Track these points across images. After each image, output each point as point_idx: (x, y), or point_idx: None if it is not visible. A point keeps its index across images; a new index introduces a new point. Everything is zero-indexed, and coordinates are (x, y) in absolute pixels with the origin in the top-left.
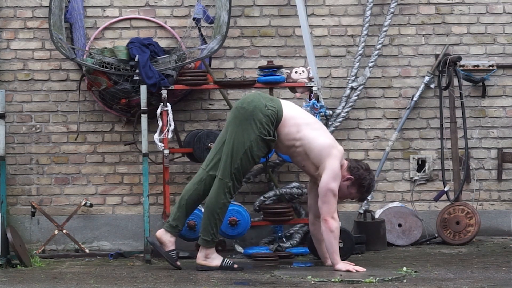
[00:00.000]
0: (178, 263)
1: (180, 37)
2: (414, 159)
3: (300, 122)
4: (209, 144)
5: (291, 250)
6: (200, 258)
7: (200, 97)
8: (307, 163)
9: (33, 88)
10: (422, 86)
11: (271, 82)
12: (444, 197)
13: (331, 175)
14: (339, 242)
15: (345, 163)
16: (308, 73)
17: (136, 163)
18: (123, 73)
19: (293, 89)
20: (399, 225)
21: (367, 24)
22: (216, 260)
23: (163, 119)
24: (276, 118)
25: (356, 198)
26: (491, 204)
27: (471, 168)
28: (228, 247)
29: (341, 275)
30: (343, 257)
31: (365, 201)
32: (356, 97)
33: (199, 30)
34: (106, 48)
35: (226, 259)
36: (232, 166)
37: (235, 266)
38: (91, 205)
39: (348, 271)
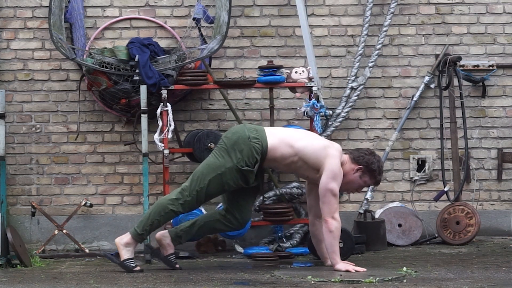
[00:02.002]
0: (177, 265)
1: (180, 37)
2: (414, 159)
3: (290, 140)
4: (209, 144)
5: (291, 250)
6: (120, 241)
7: (200, 97)
8: (310, 172)
9: (33, 88)
10: (422, 86)
11: (271, 82)
12: (444, 197)
13: (330, 175)
14: (339, 242)
15: (346, 157)
16: (308, 73)
17: (136, 163)
18: (123, 73)
19: (293, 89)
20: (399, 225)
21: (367, 24)
22: (127, 254)
23: (163, 119)
24: (261, 150)
25: (372, 184)
26: (491, 204)
27: (471, 168)
28: (228, 247)
29: (341, 275)
30: (343, 257)
31: (365, 201)
32: (356, 97)
33: (199, 30)
34: (106, 48)
35: (131, 260)
36: (198, 184)
37: (137, 268)
38: (91, 205)
39: (347, 271)
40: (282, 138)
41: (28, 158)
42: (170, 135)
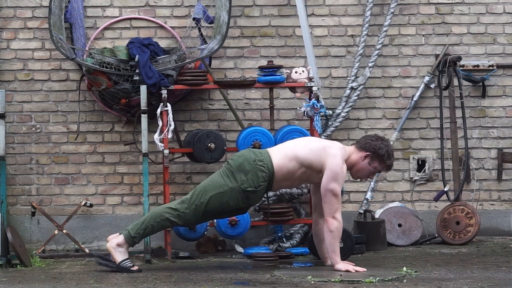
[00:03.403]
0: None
1: (180, 37)
2: (414, 159)
3: (291, 154)
4: (209, 144)
5: (291, 250)
6: (112, 244)
7: (200, 97)
8: (319, 177)
9: (33, 88)
10: (422, 86)
11: (271, 82)
12: (444, 197)
13: (330, 175)
14: (339, 242)
15: (352, 148)
16: (308, 73)
17: (136, 163)
18: (123, 73)
19: (293, 89)
20: (399, 225)
21: (367, 24)
22: (121, 255)
23: (163, 119)
24: (267, 173)
25: (384, 169)
26: (491, 204)
27: (471, 168)
28: (228, 247)
29: (341, 275)
30: (343, 257)
31: (365, 201)
32: (356, 97)
33: (199, 30)
34: (106, 48)
35: (127, 260)
36: (198, 199)
37: (134, 268)
38: (91, 205)
39: (347, 271)
40: (285, 154)
41: (28, 158)
42: (170, 135)
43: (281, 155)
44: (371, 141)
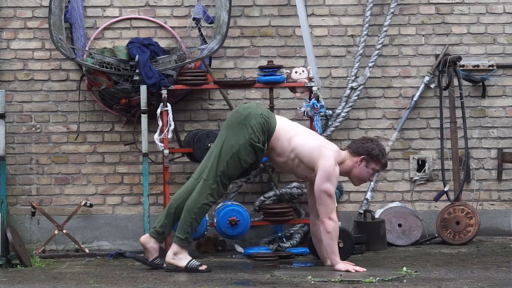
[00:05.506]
0: (164, 265)
1: (180, 37)
2: (414, 159)
3: (289, 134)
4: (209, 144)
5: (291, 250)
6: (169, 256)
7: (200, 97)
8: (307, 172)
9: (33, 88)
10: (422, 86)
11: (271, 82)
12: (444, 197)
13: (323, 176)
14: (339, 242)
15: (345, 153)
16: (308, 73)
17: (136, 163)
18: (123, 73)
19: (293, 89)
20: (399, 225)
21: (367, 24)
22: (183, 260)
23: (163, 119)
24: (268, 128)
25: (380, 168)
26: (491, 204)
27: (471, 168)
28: (228, 247)
29: (341, 275)
30: (343, 257)
31: (365, 201)
32: (356, 97)
33: (199, 30)
34: (106, 48)
35: (192, 260)
36: (218, 168)
37: (202, 267)
38: (91, 205)
39: (347, 271)
40: (284, 129)
41: (28, 158)
42: (170, 135)
43: (282, 126)
44: (362, 144)
